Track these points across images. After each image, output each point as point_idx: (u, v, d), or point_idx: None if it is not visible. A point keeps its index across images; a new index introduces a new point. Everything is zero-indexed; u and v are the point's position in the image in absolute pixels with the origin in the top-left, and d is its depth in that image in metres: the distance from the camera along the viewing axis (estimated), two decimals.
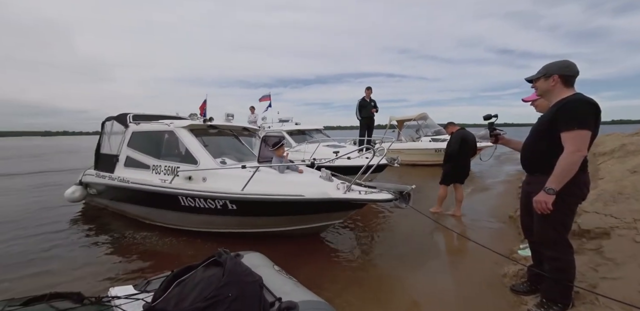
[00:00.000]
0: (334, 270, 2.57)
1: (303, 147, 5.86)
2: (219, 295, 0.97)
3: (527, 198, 1.70)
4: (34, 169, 10.19)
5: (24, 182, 7.79)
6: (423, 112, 10.28)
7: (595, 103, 1.48)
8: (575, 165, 1.44)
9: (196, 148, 3.44)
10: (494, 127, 2.04)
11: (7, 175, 9.02)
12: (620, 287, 1.64)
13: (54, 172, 9.58)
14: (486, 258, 2.57)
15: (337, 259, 2.83)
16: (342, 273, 2.53)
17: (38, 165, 11.50)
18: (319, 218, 2.94)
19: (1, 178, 8.39)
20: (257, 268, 1.22)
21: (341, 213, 2.96)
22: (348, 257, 2.86)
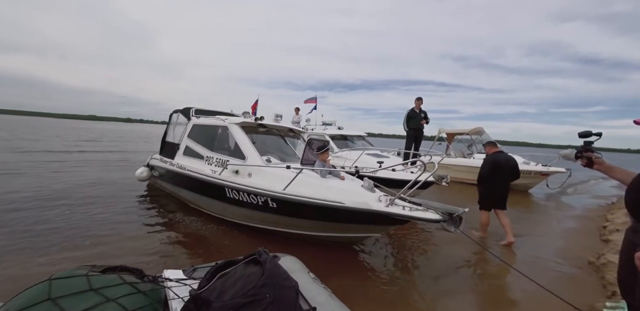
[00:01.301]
0: (365, 286, 2.44)
1: (345, 153, 5.80)
2: (257, 294, 0.98)
3: (630, 250, 1.35)
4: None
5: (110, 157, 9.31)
6: (479, 127, 9.35)
7: None
8: None
9: (245, 144, 3.65)
10: (590, 148, 1.68)
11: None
12: None
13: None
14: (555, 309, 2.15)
15: (371, 275, 2.68)
16: (375, 291, 2.38)
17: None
18: (356, 228, 2.84)
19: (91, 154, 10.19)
20: (293, 272, 1.20)
21: (380, 227, 2.81)
22: (383, 275, 2.68)
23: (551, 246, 3.67)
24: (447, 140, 10.13)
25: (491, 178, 3.60)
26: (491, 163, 3.61)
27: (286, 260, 1.39)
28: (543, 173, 7.28)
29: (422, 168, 2.49)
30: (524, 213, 5.56)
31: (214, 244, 3.21)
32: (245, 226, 3.51)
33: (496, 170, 3.58)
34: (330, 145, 6.48)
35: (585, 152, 1.67)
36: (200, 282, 1.20)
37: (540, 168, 7.31)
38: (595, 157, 1.63)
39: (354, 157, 5.16)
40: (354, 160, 4.94)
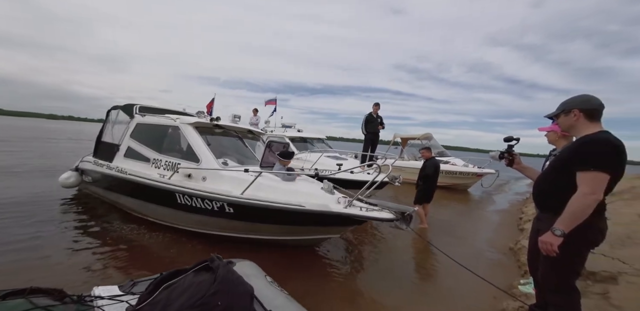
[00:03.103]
0: (324, 287, 2.47)
1: (304, 155, 5.84)
2: (208, 303, 0.94)
3: (535, 235, 1.64)
4: None
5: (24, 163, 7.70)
6: (428, 133, 10.35)
7: (618, 143, 1.38)
8: (587, 208, 1.36)
9: (199, 146, 3.42)
10: (511, 150, 2.01)
11: None
12: None
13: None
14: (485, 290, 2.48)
15: (329, 275, 2.73)
16: (334, 290, 2.43)
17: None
18: (316, 230, 2.87)
19: None
20: (248, 277, 1.17)
21: (339, 228, 2.90)
22: (341, 274, 2.76)
23: (484, 239, 4.22)
24: (401, 145, 10.97)
25: (434, 177, 4.43)
26: (434, 165, 4.47)
27: (242, 265, 1.35)
28: (478, 175, 8.39)
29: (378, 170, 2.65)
30: (463, 208, 6.32)
31: (159, 254, 2.91)
32: (196, 233, 3.26)
33: (437, 172, 4.46)
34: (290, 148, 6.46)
35: (507, 153, 1.99)
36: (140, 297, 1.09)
37: (476, 170, 8.41)
38: (516, 157, 1.97)
39: (313, 159, 5.23)
40: (313, 162, 5.00)
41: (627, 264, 2.09)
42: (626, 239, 2.42)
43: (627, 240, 2.39)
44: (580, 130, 1.53)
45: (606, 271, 2.08)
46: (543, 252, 1.48)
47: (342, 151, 6.84)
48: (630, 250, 2.25)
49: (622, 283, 1.96)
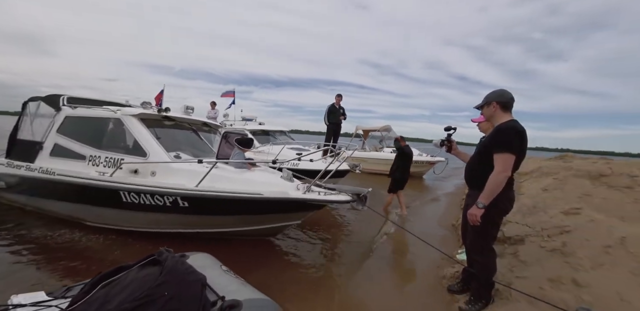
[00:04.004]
0: (286, 273, 2.53)
1: (267, 148, 5.74)
2: (152, 295, 0.91)
3: (466, 209, 1.91)
4: None
5: None
6: (387, 125, 10.92)
7: (521, 130, 1.68)
8: (501, 183, 1.64)
9: (146, 139, 3.12)
10: (450, 138, 2.27)
11: None
12: (526, 284, 1.92)
13: None
14: (430, 261, 2.79)
15: (291, 262, 2.80)
16: (295, 275, 2.50)
17: None
18: (277, 218, 2.88)
19: None
20: (202, 268, 1.17)
21: (300, 214, 2.94)
22: (302, 260, 2.84)
23: (433, 218, 4.70)
24: (363, 136, 11.40)
25: (406, 165, 4.52)
26: (408, 154, 4.55)
27: (197, 257, 1.34)
28: (431, 162, 9.20)
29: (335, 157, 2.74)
30: (418, 193, 6.90)
31: (101, 257, 2.62)
32: (145, 233, 3.02)
33: (409, 160, 4.54)
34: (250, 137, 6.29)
35: (446, 141, 2.25)
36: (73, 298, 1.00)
37: (429, 158, 9.20)
38: (453, 144, 2.24)
39: (275, 151, 5.18)
40: (275, 154, 4.95)
41: (531, 228, 2.55)
42: (532, 208, 2.93)
43: (533, 209, 2.91)
44: (497, 119, 1.81)
45: (518, 236, 2.51)
46: (470, 223, 1.73)
47: (305, 142, 6.87)
48: (535, 217, 2.74)
49: (527, 243, 2.39)
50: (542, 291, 1.83)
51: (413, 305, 2.12)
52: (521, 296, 1.78)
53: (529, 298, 1.72)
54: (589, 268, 1.87)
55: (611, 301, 1.59)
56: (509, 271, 2.18)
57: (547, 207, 2.89)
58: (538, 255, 2.23)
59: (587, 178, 3.15)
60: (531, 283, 1.93)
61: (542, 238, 2.39)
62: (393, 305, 2.11)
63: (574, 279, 1.81)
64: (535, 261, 2.16)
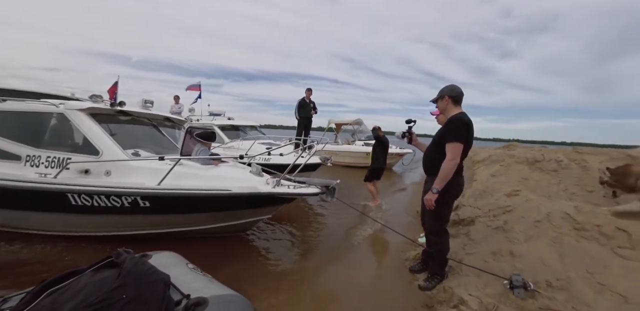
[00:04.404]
0: (257, 267, 2.54)
1: (237, 143, 5.58)
2: (109, 298, 0.87)
3: (423, 195, 2.08)
4: None
5: None
6: (358, 118, 11.18)
7: (467, 122, 1.86)
8: (451, 170, 1.82)
9: (98, 136, 2.86)
10: (410, 130, 2.43)
11: None
12: (474, 259, 2.18)
13: None
14: (396, 246, 3.00)
15: (262, 255, 2.82)
16: (266, 269, 2.53)
17: None
18: (247, 213, 2.86)
19: None
20: (166, 267, 1.15)
21: (270, 208, 2.95)
22: (273, 253, 2.88)
23: (401, 206, 5.00)
24: (336, 130, 11.57)
25: (384, 155, 4.61)
26: (385, 143, 4.59)
27: (161, 256, 1.31)
28: (400, 154, 9.68)
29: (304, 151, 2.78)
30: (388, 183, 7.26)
31: (49, 265, 2.38)
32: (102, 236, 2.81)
33: (386, 149, 4.62)
34: (220, 136, 6.06)
35: (407, 133, 2.41)
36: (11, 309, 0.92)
37: (398, 150, 9.68)
38: (413, 135, 2.39)
39: (246, 146, 5.07)
40: (246, 149, 4.85)
41: (481, 210, 2.88)
42: (483, 192, 3.30)
43: (483, 193, 3.27)
44: (449, 112, 1.99)
45: (469, 217, 2.82)
46: (426, 207, 1.91)
47: (277, 137, 6.80)
48: (484, 200, 3.09)
49: (477, 223, 2.70)
50: (486, 263, 2.09)
51: (379, 286, 2.28)
52: (470, 270, 2.02)
53: (476, 270, 1.96)
54: (522, 241, 2.17)
55: (537, 266, 1.87)
56: (462, 249, 2.45)
57: (494, 190, 3.26)
58: (485, 233, 2.53)
59: (526, 164, 3.60)
60: (478, 258, 2.19)
61: (488, 218, 2.71)
62: (361, 288, 2.26)
63: (510, 251, 2.09)
64: (482, 239, 2.45)
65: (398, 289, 2.21)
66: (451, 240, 2.70)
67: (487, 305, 1.55)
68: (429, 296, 1.95)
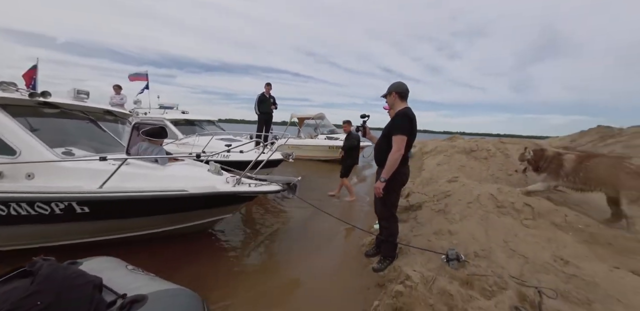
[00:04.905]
0: (220, 265, 2.50)
1: (192, 139, 5.24)
2: (21, 307, 0.82)
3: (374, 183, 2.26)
4: None
5: None
6: (321, 112, 11.31)
7: (411, 116, 2.04)
8: (397, 160, 1.99)
9: (13, 132, 2.44)
10: (365, 124, 2.60)
11: None
12: (420, 239, 2.46)
13: None
14: (354, 234, 3.20)
15: (225, 253, 2.77)
16: (229, 266, 2.50)
17: None
18: (206, 213, 2.76)
19: None
20: (100, 271, 1.11)
21: (231, 207, 2.89)
22: (235, 250, 2.85)
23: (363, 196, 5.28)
24: (298, 124, 11.56)
25: (356, 150, 4.65)
26: (356, 138, 4.65)
27: (94, 261, 1.25)
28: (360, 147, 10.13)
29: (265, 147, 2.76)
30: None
31: None
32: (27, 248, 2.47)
33: (358, 144, 4.67)
34: (173, 131, 5.62)
35: (362, 127, 2.57)
36: None
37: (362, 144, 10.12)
38: (367, 129, 2.57)
39: (202, 143, 4.80)
40: (202, 146, 4.60)
41: (427, 195, 3.24)
42: (429, 180, 3.70)
43: (430, 180, 3.67)
44: (396, 107, 2.17)
45: (417, 203, 3.15)
46: (375, 195, 2.09)
47: (237, 133, 6.55)
48: (430, 186, 3.47)
49: (424, 208, 3.04)
50: (429, 242, 2.38)
51: (338, 273, 2.44)
52: (416, 250, 2.28)
53: (420, 250, 2.23)
54: (458, 220, 2.51)
55: (468, 241, 2.20)
56: (410, 232, 2.73)
57: (438, 177, 3.67)
58: (430, 216, 2.85)
59: (464, 153, 4.11)
60: (423, 238, 2.48)
61: (433, 203, 3.06)
62: (321, 276, 2.38)
63: (449, 230, 2.42)
64: (427, 221, 2.76)
65: (355, 273, 2.38)
66: (402, 224, 2.99)
67: (427, 277, 1.78)
68: (382, 276, 2.15)
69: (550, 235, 2.11)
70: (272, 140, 3.12)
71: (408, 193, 3.58)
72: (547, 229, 2.18)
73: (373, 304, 1.76)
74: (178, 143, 5.28)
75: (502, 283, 1.69)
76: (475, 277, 1.77)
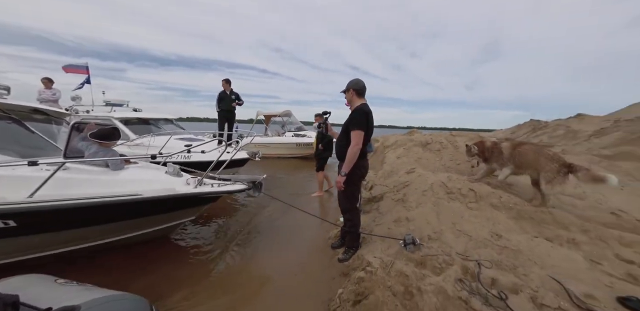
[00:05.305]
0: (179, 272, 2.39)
1: (147, 140, 4.84)
2: None
3: None
4: None
5: None
6: (287, 109, 11.21)
7: (367, 111, 2.13)
8: (355, 154, 2.09)
9: None
10: (326, 121, 2.66)
11: None
12: (381, 228, 2.63)
13: None
14: (321, 228, 3.29)
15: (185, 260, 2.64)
16: (188, 272, 2.41)
17: None
18: (166, 217, 2.61)
19: None
20: (19, 289, 1.02)
21: (193, 209, 2.77)
22: (197, 255, 2.74)
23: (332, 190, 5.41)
24: (265, 122, 11.33)
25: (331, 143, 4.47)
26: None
27: (16, 280, 1.16)
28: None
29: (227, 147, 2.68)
30: None
31: None
32: None
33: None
34: (124, 131, 5.13)
35: (323, 123, 2.64)
36: None
37: None
38: (328, 124, 2.64)
39: (159, 143, 4.47)
40: (160, 147, 4.28)
41: (388, 187, 3.46)
42: (390, 172, 3.95)
43: (390, 173, 3.92)
44: (354, 103, 2.25)
45: (380, 194, 3.36)
46: (337, 188, 2.17)
47: (198, 132, 6.21)
48: (391, 178, 3.72)
49: (385, 198, 3.25)
50: (390, 230, 2.56)
51: (305, 266, 2.50)
52: (377, 238, 2.44)
53: (381, 238, 2.39)
54: (414, 207, 2.74)
55: (422, 226, 2.42)
56: (372, 222, 2.90)
57: (398, 169, 3.93)
58: (390, 206, 3.06)
59: (420, 146, 4.46)
60: (384, 227, 2.65)
61: (393, 193, 3.27)
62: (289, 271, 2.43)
63: (406, 217, 2.62)
64: (388, 211, 2.96)
65: (321, 265, 2.47)
66: (365, 215, 3.16)
67: (387, 262, 1.93)
68: (346, 266, 2.26)
69: (488, 214, 2.42)
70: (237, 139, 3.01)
71: (371, 186, 3.78)
72: (487, 210, 2.50)
73: (337, 292, 1.85)
74: (130, 144, 4.84)
75: (450, 260, 1.91)
76: (427, 257, 1.97)
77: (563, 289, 1.54)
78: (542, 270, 1.72)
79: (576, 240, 2.05)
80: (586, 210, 2.74)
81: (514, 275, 1.70)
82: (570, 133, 7.36)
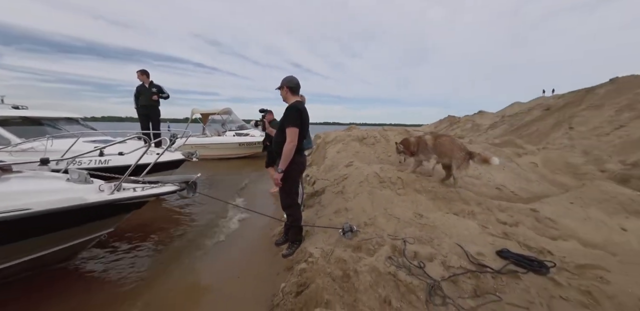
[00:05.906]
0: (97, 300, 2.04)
1: (39, 143, 3.90)
2: None
3: None
4: None
5: None
6: (227, 107, 10.51)
7: (301, 109, 2.17)
8: (291, 151, 2.12)
9: None
10: (263, 120, 2.60)
11: None
12: (323, 220, 2.75)
13: None
14: (264, 226, 3.24)
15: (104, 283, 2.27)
16: (110, 299, 2.08)
17: None
18: (73, 233, 2.17)
19: None
20: None
21: (110, 220, 2.38)
22: (120, 277, 2.38)
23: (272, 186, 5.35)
24: (202, 121, 10.40)
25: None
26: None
27: None
28: None
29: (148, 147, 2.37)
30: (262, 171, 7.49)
31: None
32: None
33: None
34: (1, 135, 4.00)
35: (261, 121, 2.58)
36: None
37: None
38: (265, 122, 2.59)
39: (61, 147, 3.65)
40: (61, 151, 3.50)
41: (329, 180, 3.64)
42: (330, 166, 4.16)
43: (331, 167, 4.13)
44: (288, 100, 2.27)
45: (321, 188, 3.51)
46: (275, 185, 2.17)
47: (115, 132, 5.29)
48: (331, 172, 3.93)
49: (326, 192, 3.42)
50: (330, 221, 2.68)
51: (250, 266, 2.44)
52: (320, 229, 2.53)
53: (323, 229, 2.49)
54: (352, 198, 2.94)
55: (359, 214, 2.62)
56: (315, 215, 3.00)
57: (338, 164, 4.15)
58: (331, 198, 3.21)
59: (357, 141, 4.80)
60: (325, 219, 2.77)
61: (333, 186, 3.44)
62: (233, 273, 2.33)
63: (345, 207, 2.79)
64: (329, 203, 3.10)
65: (266, 263, 2.44)
66: (308, 209, 3.24)
67: (327, 251, 2.03)
68: (291, 260, 2.29)
69: (413, 198, 2.78)
70: (169, 138, 2.65)
71: (314, 181, 3.89)
72: (412, 194, 2.86)
73: (280, 286, 1.86)
74: (12, 150, 3.82)
75: (382, 242, 2.12)
76: (363, 242, 2.15)
77: (463, 252, 1.88)
78: (450, 239, 2.07)
79: (474, 212, 2.53)
80: (481, 187, 3.41)
81: (431, 246, 2.00)
82: (475, 126, 9.02)
